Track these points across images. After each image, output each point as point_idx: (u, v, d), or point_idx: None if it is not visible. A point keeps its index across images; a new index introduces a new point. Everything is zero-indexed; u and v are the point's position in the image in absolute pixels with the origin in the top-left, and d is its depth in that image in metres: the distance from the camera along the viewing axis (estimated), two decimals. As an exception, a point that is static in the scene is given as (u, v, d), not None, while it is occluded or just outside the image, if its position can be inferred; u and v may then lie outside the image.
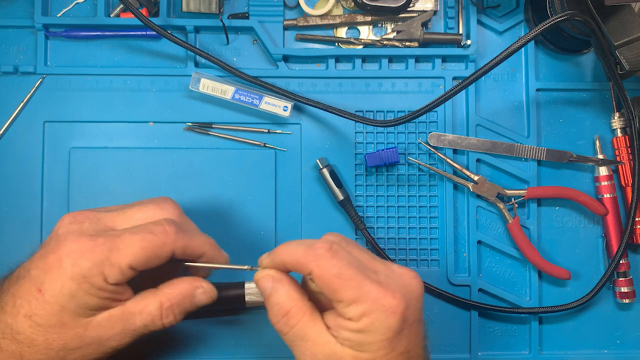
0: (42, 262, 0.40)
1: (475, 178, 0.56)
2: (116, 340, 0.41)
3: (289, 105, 0.55)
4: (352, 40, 0.57)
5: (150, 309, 0.41)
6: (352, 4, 0.57)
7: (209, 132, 0.56)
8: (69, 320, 0.39)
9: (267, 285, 0.41)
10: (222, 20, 0.55)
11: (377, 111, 0.57)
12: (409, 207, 0.57)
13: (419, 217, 0.57)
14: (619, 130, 0.57)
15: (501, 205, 0.56)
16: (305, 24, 0.57)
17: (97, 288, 0.39)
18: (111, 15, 0.56)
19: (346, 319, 0.39)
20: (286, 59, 0.57)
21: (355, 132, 0.57)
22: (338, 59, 0.57)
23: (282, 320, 0.40)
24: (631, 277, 0.56)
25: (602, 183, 0.56)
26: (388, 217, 0.56)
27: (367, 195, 0.56)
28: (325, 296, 0.40)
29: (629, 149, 0.56)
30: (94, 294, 0.39)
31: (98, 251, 0.39)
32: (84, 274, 0.38)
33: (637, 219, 0.55)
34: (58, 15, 0.56)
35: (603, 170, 0.56)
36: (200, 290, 0.43)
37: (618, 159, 0.57)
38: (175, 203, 0.45)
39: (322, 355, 0.39)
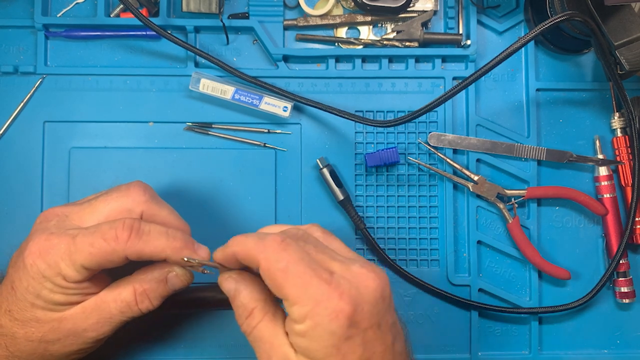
0: (14, 261, 0.42)
1: (475, 178, 0.56)
2: (94, 330, 0.42)
3: (289, 105, 0.55)
4: (352, 40, 0.57)
5: (124, 295, 0.42)
6: (352, 4, 0.57)
7: (209, 132, 0.56)
8: (41, 315, 0.41)
9: (230, 287, 0.40)
10: (222, 20, 0.55)
11: (377, 111, 0.57)
12: (409, 207, 0.57)
13: (419, 217, 0.57)
14: (618, 130, 0.57)
15: (501, 205, 0.56)
16: (305, 24, 0.57)
17: (60, 286, 0.40)
18: (111, 15, 0.56)
19: (292, 321, 0.37)
20: (286, 59, 0.57)
21: (355, 132, 0.57)
22: (338, 59, 0.57)
23: (246, 322, 0.39)
24: (631, 277, 0.56)
25: (602, 183, 0.56)
26: (388, 217, 0.56)
27: (367, 195, 0.56)
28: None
29: (629, 149, 0.56)
30: (58, 291, 0.40)
31: (53, 252, 0.40)
32: (42, 274, 0.40)
33: (637, 219, 0.55)
34: (58, 15, 0.56)
35: (603, 170, 0.56)
36: (172, 274, 0.43)
37: (618, 159, 0.57)
38: (144, 188, 0.44)
39: (277, 359, 0.38)
